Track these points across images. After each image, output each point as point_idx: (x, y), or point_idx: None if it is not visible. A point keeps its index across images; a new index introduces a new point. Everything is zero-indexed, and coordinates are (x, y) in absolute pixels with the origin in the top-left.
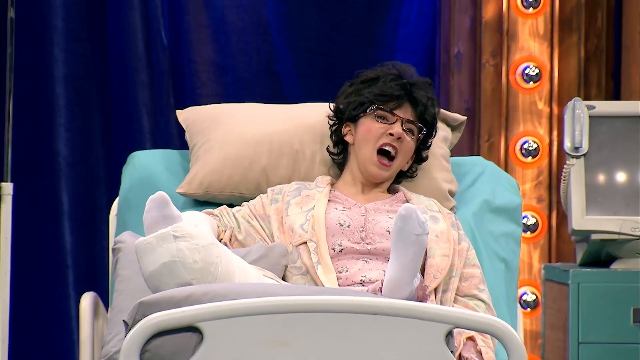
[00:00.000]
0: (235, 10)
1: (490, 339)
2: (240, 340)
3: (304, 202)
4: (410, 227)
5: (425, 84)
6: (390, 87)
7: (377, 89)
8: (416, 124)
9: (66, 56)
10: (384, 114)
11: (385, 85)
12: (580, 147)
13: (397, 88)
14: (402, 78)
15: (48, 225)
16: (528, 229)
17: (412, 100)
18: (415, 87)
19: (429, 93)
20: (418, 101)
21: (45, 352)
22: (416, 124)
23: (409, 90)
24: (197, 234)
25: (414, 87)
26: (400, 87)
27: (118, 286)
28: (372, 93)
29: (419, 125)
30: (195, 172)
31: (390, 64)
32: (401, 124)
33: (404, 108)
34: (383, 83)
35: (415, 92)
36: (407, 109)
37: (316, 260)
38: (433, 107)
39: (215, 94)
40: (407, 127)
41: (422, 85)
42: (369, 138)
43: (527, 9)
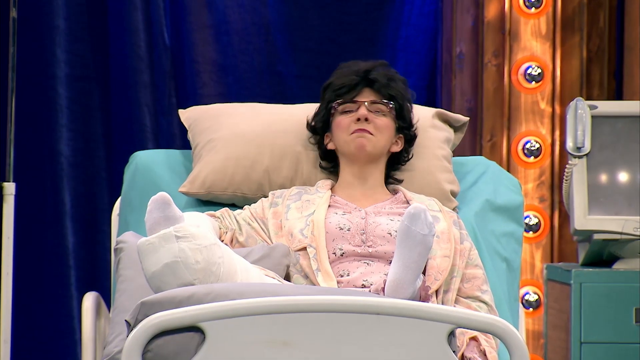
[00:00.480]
0: (237, 10)
1: (493, 339)
2: (243, 340)
3: (304, 206)
4: (418, 226)
5: (381, 66)
6: (345, 79)
7: (334, 86)
8: (381, 102)
9: (68, 56)
10: (346, 106)
11: (340, 79)
12: (582, 147)
13: (352, 77)
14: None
15: (50, 225)
16: (530, 229)
17: (370, 83)
18: (370, 71)
19: (388, 72)
20: (376, 81)
21: (47, 352)
22: (381, 101)
23: (364, 75)
24: (199, 235)
25: (370, 71)
26: (355, 75)
27: (120, 286)
28: (331, 92)
29: (384, 102)
30: (198, 171)
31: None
32: (365, 107)
33: (364, 93)
34: (338, 79)
35: (371, 74)
36: (368, 92)
37: (316, 267)
38: (395, 81)
39: (217, 94)
40: (373, 108)
41: (378, 67)
42: (341, 131)
43: (530, 8)
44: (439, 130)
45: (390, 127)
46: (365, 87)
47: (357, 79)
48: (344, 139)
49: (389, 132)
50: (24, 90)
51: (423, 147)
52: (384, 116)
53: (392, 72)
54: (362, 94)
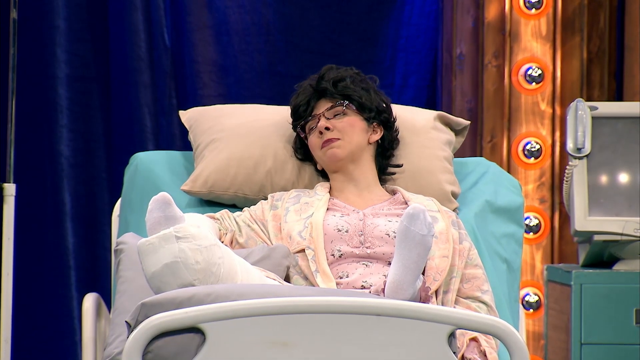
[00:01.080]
0: (237, 11)
1: (493, 340)
2: (243, 341)
3: (303, 209)
4: (417, 226)
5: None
6: (298, 99)
7: (292, 111)
8: (336, 104)
9: (68, 57)
10: (309, 124)
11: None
12: (582, 148)
13: (304, 96)
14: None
15: (50, 226)
16: (531, 230)
17: (321, 93)
18: (320, 80)
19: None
20: (325, 89)
21: (48, 353)
22: (335, 104)
23: (314, 88)
24: (200, 235)
25: (319, 81)
26: (307, 93)
27: (120, 287)
28: (293, 118)
29: (338, 104)
30: (200, 170)
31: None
32: (324, 117)
33: (320, 105)
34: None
35: (319, 84)
36: (323, 103)
37: (314, 269)
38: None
39: (217, 95)
40: (331, 114)
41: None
42: (315, 149)
43: (530, 9)
44: (441, 132)
45: (354, 123)
46: (319, 100)
47: (308, 94)
48: (319, 157)
49: (356, 129)
50: (24, 90)
51: (424, 148)
52: (344, 116)
53: (341, 71)
54: (317, 106)
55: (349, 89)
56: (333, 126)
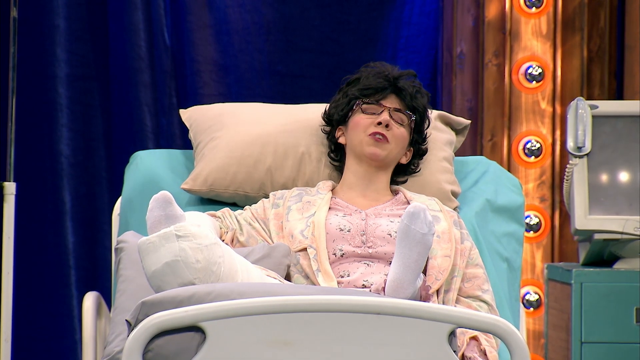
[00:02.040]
0: (238, 10)
1: (493, 339)
2: (243, 340)
3: (305, 208)
4: (417, 225)
5: (409, 75)
6: (374, 80)
7: (361, 84)
8: (404, 112)
9: (68, 56)
10: (370, 106)
11: (368, 79)
12: (583, 146)
13: (381, 80)
14: (385, 72)
15: (50, 225)
16: (531, 229)
17: (397, 91)
18: (399, 78)
19: (415, 83)
20: (403, 90)
21: (48, 351)
22: (404, 112)
23: (393, 81)
24: (200, 234)
25: (398, 78)
26: (384, 79)
27: (120, 286)
28: (357, 89)
29: (407, 113)
30: (200, 169)
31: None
32: (388, 113)
33: (389, 99)
34: (366, 79)
35: (399, 82)
36: (393, 99)
37: (316, 268)
38: (421, 95)
39: (217, 94)
40: (395, 116)
41: (407, 76)
42: (359, 130)
43: (530, 8)
44: (441, 132)
45: (406, 138)
46: (391, 93)
47: (386, 83)
48: (360, 138)
49: (403, 143)
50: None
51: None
52: (402, 126)
53: (419, 85)
54: (387, 99)
55: (421, 106)
56: (391, 127)
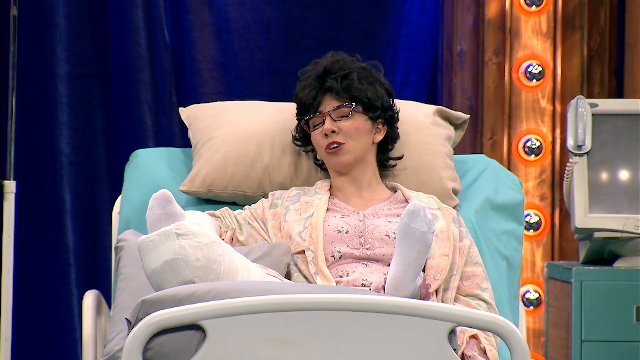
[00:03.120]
0: (238, 8)
1: (493, 337)
2: (243, 338)
3: (303, 209)
4: (417, 223)
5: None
6: (304, 93)
7: (298, 103)
8: (343, 105)
9: (69, 54)
10: (314, 120)
11: (301, 94)
12: (583, 145)
13: (310, 89)
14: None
15: (50, 223)
16: (531, 227)
17: (327, 89)
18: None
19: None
20: (332, 87)
21: (48, 350)
22: (343, 105)
23: (320, 84)
24: (200, 232)
25: (328, 75)
26: (313, 87)
27: (120, 284)
28: (297, 111)
29: (347, 105)
30: (197, 170)
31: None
32: (330, 118)
33: (325, 101)
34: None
35: (326, 81)
36: (329, 98)
37: (314, 271)
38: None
39: (217, 92)
40: (337, 114)
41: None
42: (319, 148)
43: (530, 6)
44: (440, 127)
45: (361, 126)
46: (324, 95)
47: (314, 91)
48: (322, 155)
49: (362, 132)
50: (24, 88)
51: (425, 144)
52: (351, 118)
53: (347, 63)
54: (324, 102)
55: (356, 89)
56: (339, 129)
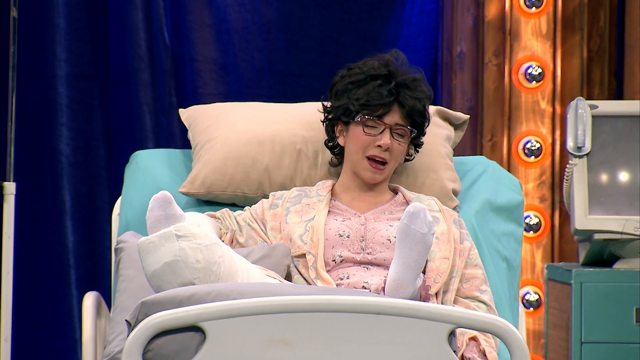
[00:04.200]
0: (238, 9)
1: (493, 339)
2: (243, 339)
3: (304, 211)
4: (418, 225)
5: (414, 82)
6: (377, 93)
7: (364, 96)
8: (406, 128)
9: (68, 55)
10: (372, 122)
11: (373, 92)
12: (582, 146)
13: (384, 94)
14: (390, 79)
15: (50, 224)
16: (531, 229)
17: (400, 103)
18: (403, 88)
19: (418, 91)
20: (405, 104)
21: (48, 351)
22: (405, 127)
23: (396, 93)
24: (200, 234)
25: (402, 88)
26: (388, 93)
27: (120, 286)
28: (359, 102)
29: (409, 129)
30: (197, 171)
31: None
32: (390, 131)
33: (391, 113)
34: (371, 88)
35: (402, 94)
36: (394, 112)
37: (314, 276)
38: (420, 102)
39: (217, 93)
40: (396, 131)
41: (411, 84)
42: (358, 147)
43: (530, 8)
44: (440, 128)
45: (403, 152)
46: (394, 105)
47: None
48: (358, 158)
49: (402, 156)
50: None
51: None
52: (402, 139)
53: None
54: (391, 112)
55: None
56: (391, 148)
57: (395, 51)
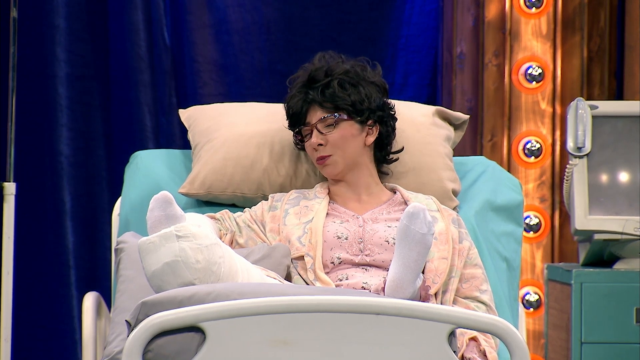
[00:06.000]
0: (238, 9)
1: (493, 339)
2: (243, 340)
3: (302, 213)
4: (417, 225)
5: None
6: (293, 104)
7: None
8: (328, 117)
9: (68, 56)
10: (304, 131)
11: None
12: (583, 147)
13: (297, 99)
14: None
15: (50, 225)
16: (531, 229)
17: (313, 99)
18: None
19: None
20: (314, 100)
21: (48, 352)
22: (327, 117)
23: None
24: (200, 234)
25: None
26: (300, 98)
27: (120, 286)
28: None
29: (331, 117)
30: (197, 172)
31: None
32: (316, 129)
33: (311, 112)
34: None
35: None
36: (314, 110)
37: (313, 278)
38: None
39: (217, 94)
40: (322, 126)
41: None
42: (311, 159)
43: (530, 8)
44: (440, 128)
45: (347, 133)
46: (310, 105)
47: (301, 101)
48: (315, 164)
49: (349, 139)
50: (24, 89)
51: (425, 144)
52: (337, 128)
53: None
54: (310, 112)
55: (338, 98)
56: (326, 141)
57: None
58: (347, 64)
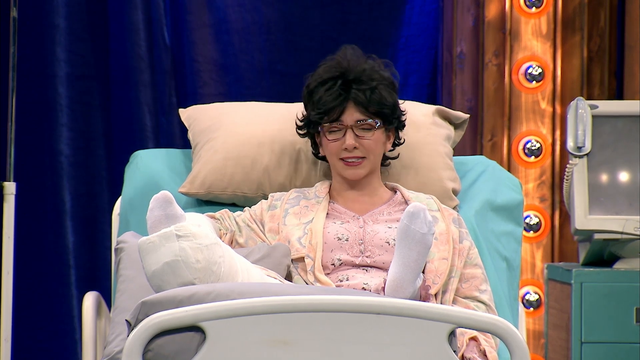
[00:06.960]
0: (238, 9)
1: (493, 339)
2: (243, 339)
3: (302, 213)
4: (417, 225)
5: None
6: (328, 97)
7: (317, 104)
8: (368, 122)
9: (68, 56)
10: (333, 127)
11: (324, 97)
12: (583, 146)
13: (335, 95)
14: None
15: (50, 224)
16: (531, 229)
17: (354, 99)
18: (352, 82)
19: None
20: (358, 98)
21: (48, 351)
22: (367, 121)
23: (346, 91)
24: (200, 234)
25: (352, 83)
26: (337, 94)
27: (120, 286)
28: (315, 112)
29: (372, 122)
30: (197, 172)
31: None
32: (352, 131)
33: (348, 111)
34: (322, 94)
35: (352, 90)
36: (351, 110)
37: (313, 280)
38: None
39: (217, 94)
40: (360, 128)
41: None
42: (331, 155)
43: (530, 8)
44: (440, 127)
45: (380, 139)
46: (348, 103)
47: (340, 97)
48: (335, 163)
49: (379, 146)
50: (24, 89)
51: (425, 144)
52: (372, 132)
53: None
54: (347, 111)
55: (385, 106)
56: (360, 144)
57: (345, 47)
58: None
